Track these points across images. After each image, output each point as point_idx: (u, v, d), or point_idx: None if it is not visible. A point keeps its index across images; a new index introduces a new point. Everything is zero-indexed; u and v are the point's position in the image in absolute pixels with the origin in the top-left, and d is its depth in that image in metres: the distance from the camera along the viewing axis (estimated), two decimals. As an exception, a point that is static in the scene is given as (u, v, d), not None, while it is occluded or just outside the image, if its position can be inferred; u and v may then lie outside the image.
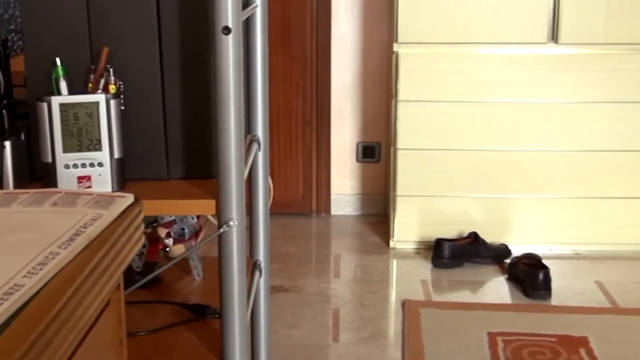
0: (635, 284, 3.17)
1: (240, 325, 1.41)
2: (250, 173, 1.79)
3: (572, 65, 3.34)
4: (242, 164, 1.38)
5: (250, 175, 1.79)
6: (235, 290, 1.39)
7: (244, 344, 1.42)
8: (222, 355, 1.43)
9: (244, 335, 1.42)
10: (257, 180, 1.79)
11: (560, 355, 2.59)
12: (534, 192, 3.47)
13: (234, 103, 1.34)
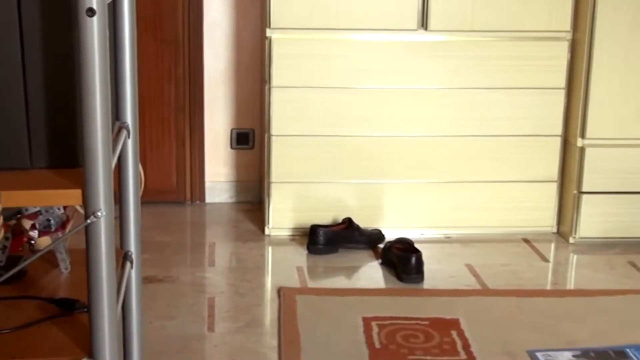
0: (503, 266, 3.26)
1: (109, 319, 1.36)
2: (120, 161, 1.73)
3: (441, 52, 3.40)
4: (109, 152, 1.33)
5: (119, 164, 1.73)
6: (103, 283, 1.34)
7: (114, 338, 1.38)
8: (92, 351, 1.37)
9: (114, 329, 1.37)
10: (126, 168, 1.74)
11: (433, 338, 2.64)
12: (406, 177, 3.52)
13: (100, 89, 1.28)
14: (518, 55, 3.43)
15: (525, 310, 2.86)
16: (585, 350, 2.57)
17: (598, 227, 3.48)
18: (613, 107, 3.37)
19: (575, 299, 2.96)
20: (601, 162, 3.41)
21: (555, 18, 3.39)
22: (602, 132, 3.40)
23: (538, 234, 3.58)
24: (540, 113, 3.48)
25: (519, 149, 3.52)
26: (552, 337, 2.66)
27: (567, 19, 3.39)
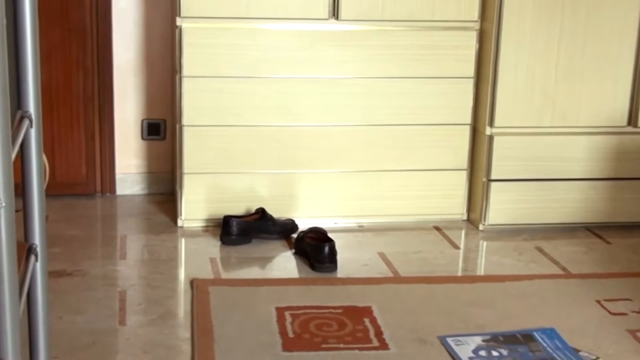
0: (415, 254, 3.30)
1: (11, 314, 1.32)
2: (23, 151, 1.68)
3: (352, 41, 3.41)
4: (8, 141, 1.29)
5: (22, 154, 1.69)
6: (4, 277, 1.31)
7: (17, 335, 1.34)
8: (-7, 347, 1.34)
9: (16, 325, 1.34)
10: (29, 159, 1.69)
11: (346, 326, 2.65)
12: (318, 167, 3.52)
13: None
14: (428, 44, 3.47)
15: (436, 297, 2.90)
16: (495, 334, 2.62)
17: (507, 214, 3.55)
18: (520, 95, 3.44)
19: (485, 285, 3.02)
20: (509, 150, 3.48)
21: (463, 8, 3.43)
22: (510, 120, 3.47)
23: (449, 222, 3.64)
24: (450, 102, 3.53)
25: (430, 137, 3.56)
26: (463, 323, 2.71)
27: (475, 9, 3.44)
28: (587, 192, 3.56)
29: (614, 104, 3.50)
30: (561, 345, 2.55)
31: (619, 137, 3.54)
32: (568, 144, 3.51)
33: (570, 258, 3.29)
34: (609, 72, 3.46)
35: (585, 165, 3.54)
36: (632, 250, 3.40)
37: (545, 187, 3.54)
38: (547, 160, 3.51)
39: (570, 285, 3.02)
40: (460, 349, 2.51)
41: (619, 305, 2.87)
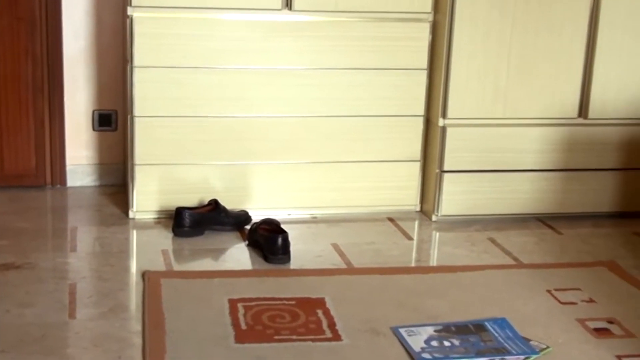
0: (368, 245, 3.30)
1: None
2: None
3: (306, 32, 3.40)
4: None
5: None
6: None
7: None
8: None
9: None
10: (-27, 150, 1.65)
11: (299, 318, 2.64)
12: (272, 158, 3.51)
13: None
14: (381, 36, 3.47)
15: (389, 288, 2.90)
16: (447, 324, 2.63)
17: (459, 205, 3.57)
18: (473, 87, 3.45)
19: (438, 275, 3.03)
20: (462, 141, 3.50)
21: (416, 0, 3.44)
22: (463, 112, 3.48)
23: (402, 213, 3.65)
24: (404, 93, 3.54)
25: (383, 129, 3.57)
26: (415, 313, 2.71)
27: (428, 1, 3.45)
28: (539, 183, 3.59)
29: (565, 95, 3.53)
30: (512, 335, 2.57)
31: (570, 128, 3.57)
32: (520, 136, 3.53)
33: (521, 248, 3.32)
34: (560, 64, 3.49)
35: (537, 157, 3.57)
36: (582, 240, 3.44)
37: (498, 178, 3.56)
38: (499, 151, 3.53)
39: (522, 276, 3.05)
40: (413, 340, 2.52)
41: (569, 294, 2.90)
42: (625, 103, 3.56)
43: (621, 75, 3.53)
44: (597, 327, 2.67)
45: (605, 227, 3.59)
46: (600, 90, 3.53)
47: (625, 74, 3.54)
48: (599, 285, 2.98)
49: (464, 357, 2.43)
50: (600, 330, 2.65)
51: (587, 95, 3.54)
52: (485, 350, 2.47)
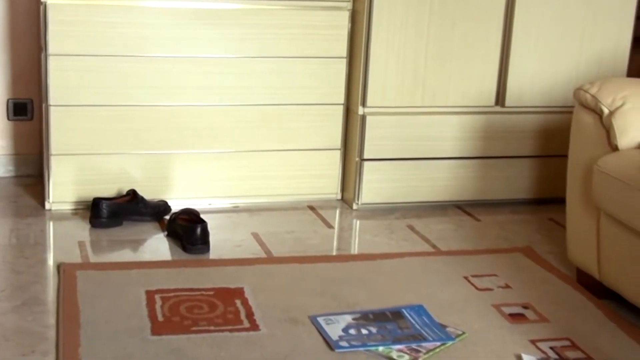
0: (288, 233, 3.30)
1: None
2: None
3: (227, 20, 3.37)
4: None
5: None
6: None
7: None
8: None
9: None
10: None
11: (217, 308, 2.63)
12: (193, 148, 3.48)
13: None
14: (301, 24, 3.46)
15: (308, 277, 2.91)
16: (365, 312, 2.64)
17: (380, 193, 3.59)
18: (392, 75, 3.47)
19: (357, 263, 3.05)
20: (381, 129, 3.52)
21: (336, -12, 3.45)
22: (382, 100, 3.50)
23: (324, 201, 3.66)
24: (324, 82, 3.54)
25: (304, 117, 3.56)
26: (334, 301, 2.72)
27: (347, -11, 3.46)
28: (458, 171, 3.64)
29: (482, 83, 3.58)
30: (429, 322, 2.59)
31: (487, 116, 3.62)
32: (438, 124, 3.57)
33: (440, 235, 3.36)
34: (477, 52, 3.53)
35: (456, 145, 3.61)
36: (500, 226, 3.50)
37: (417, 166, 3.60)
38: (418, 139, 3.56)
39: (439, 263, 3.08)
40: (331, 328, 2.53)
41: (485, 280, 2.95)
42: (541, 91, 3.62)
43: (537, 64, 3.60)
44: (512, 313, 2.71)
45: (523, 213, 3.65)
46: (517, 78, 3.59)
47: (541, 62, 3.60)
48: (514, 271, 3.03)
49: (382, 345, 2.45)
50: (515, 316, 2.70)
51: (504, 83, 3.60)
52: (403, 337, 2.50)
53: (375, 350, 2.42)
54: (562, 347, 2.51)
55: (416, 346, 2.46)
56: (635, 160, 2.58)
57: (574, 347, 2.51)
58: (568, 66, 3.63)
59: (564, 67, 3.62)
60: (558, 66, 3.62)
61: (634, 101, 2.70)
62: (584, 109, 2.83)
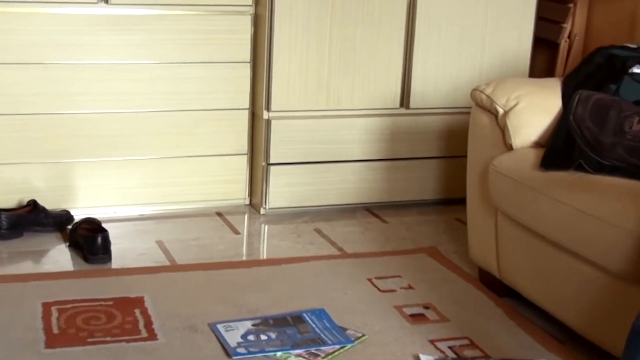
0: (194, 240, 3.27)
1: None
2: None
3: (128, 26, 3.32)
4: None
5: None
6: None
7: None
8: None
9: None
10: None
11: (115, 318, 2.59)
12: (98, 156, 3.42)
13: None
14: (205, 29, 3.43)
15: (211, 284, 2.88)
16: (265, 318, 2.63)
17: (287, 198, 3.58)
18: (295, 79, 3.46)
19: (262, 269, 3.03)
20: (287, 133, 3.50)
21: (238, -8, 3.43)
22: (287, 104, 3.49)
23: (232, 207, 3.63)
24: (229, 87, 3.51)
25: (210, 122, 3.53)
26: (235, 308, 2.70)
27: (249, -7, 3.44)
28: (365, 173, 3.65)
29: (387, 86, 3.59)
30: (329, 325, 2.59)
31: (392, 118, 3.64)
32: (344, 127, 3.57)
33: (346, 238, 3.36)
34: (380, 56, 3.55)
35: (362, 147, 3.62)
36: (406, 228, 3.52)
37: (325, 170, 3.59)
38: (325, 142, 3.56)
39: (344, 265, 3.08)
40: (230, 335, 2.51)
41: (389, 282, 2.96)
42: (445, 93, 3.65)
43: (440, 66, 3.63)
44: (413, 313, 2.73)
45: (430, 214, 3.68)
46: (420, 80, 3.62)
47: (444, 64, 3.63)
48: (418, 272, 3.05)
49: (280, 350, 2.44)
50: (415, 316, 2.71)
51: (408, 85, 3.62)
52: (302, 342, 2.49)
53: (273, 356, 2.41)
54: (460, 346, 2.53)
55: (315, 350, 2.45)
56: (528, 159, 2.62)
57: (472, 346, 2.54)
58: (471, 67, 3.67)
59: (466, 69, 3.66)
60: (461, 68, 3.66)
61: (527, 101, 2.74)
62: (480, 109, 2.87)
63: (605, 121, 1.91)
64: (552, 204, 2.44)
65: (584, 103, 1.95)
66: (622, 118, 1.91)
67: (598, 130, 1.92)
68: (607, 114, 1.92)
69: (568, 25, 3.88)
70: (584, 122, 1.94)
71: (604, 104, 1.94)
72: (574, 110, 1.96)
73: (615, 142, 1.91)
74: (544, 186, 2.48)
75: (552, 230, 2.46)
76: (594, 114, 1.93)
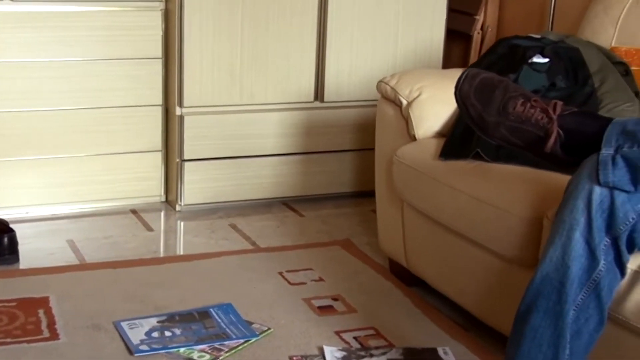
0: (106, 239, 3.24)
1: None
2: None
3: (36, 23, 3.26)
4: None
5: None
6: None
7: None
8: None
9: None
10: None
11: (18, 319, 2.55)
12: (8, 155, 3.36)
13: None
14: (116, 25, 3.39)
15: (120, 281, 2.85)
16: (171, 314, 2.61)
17: (203, 194, 3.56)
18: (207, 75, 3.44)
19: (172, 265, 3.01)
20: (201, 129, 3.48)
21: (147, -12, 3.40)
22: (199, 100, 3.47)
23: (148, 204, 3.60)
24: (141, 83, 3.48)
25: (124, 120, 3.50)
26: (142, 305, 2.68)
27: (159, -11, 3.42)
28: (281, 168, 3.65)
29: (301, 80, 3.59)
30: (235, 320, 2.58)
31: (307, 112, 3.64)
32: (259, 121, 3.57)
33: (261, 233, 3.36)
34: (293, 49, 3.55)
35: (278, 141, 3.62)
36: (322, 221, 3.52)
37: (240, 165, 3.59)
38: (239, 137, 3.55)
39: (256, 260, 3.08)
40: (133, 333, 2.48)
41: (300, 275, 2.96)
42: (358, 86, 3.67)
43: (353, 59, 3.64)
44: (321, 305, 2.74)
45: (346, 206, 3.69)
46: (334, 74, 3.63)
47: (357, 57, 3.64)
48: (330, 264, 3.06)
49: (184, 346, 2.43)
50: (323, 308, 2.72)
51: (322, 79, 3.62)
52: (206, 337, 2.48)
53: (176, 352, 2.40)
54: (365, 337, 2.54)
55: (219, 345, 2.44)
56: (430, 149, 2.64)
57: (377, 336, 2.55)
58: (384, 60, 3.69)
59: (379, 61, 3.68)
60: (374, 60, 3.67)
61: (429, 92, 2.76)
62: (386, 101, 2.88)
63: (490, 100, 1.94)
64: (451, 192, 2.46)
65: (470, 80, 1.97)
66: (507, 98, 1.93)
67: (482, 108, 1.95)
68: (492, 93, 1.94)
69: (481, 17, 3.93)
70: (469, 99, 1.96)
71: (490, 82, 1.96)
72: (460, 87, 1.98)
73: (499, 122, 1.93)
74: (444, 175, 2.51)
75: (451, 219, 2.49)
76: (478, 92, 1.95)
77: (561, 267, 1.79)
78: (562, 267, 1.79)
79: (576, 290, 1.79)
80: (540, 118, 1.91)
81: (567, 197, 1.82)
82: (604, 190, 1.76)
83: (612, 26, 2.95)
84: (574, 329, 1.81)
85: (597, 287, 1.79)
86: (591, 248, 1.78)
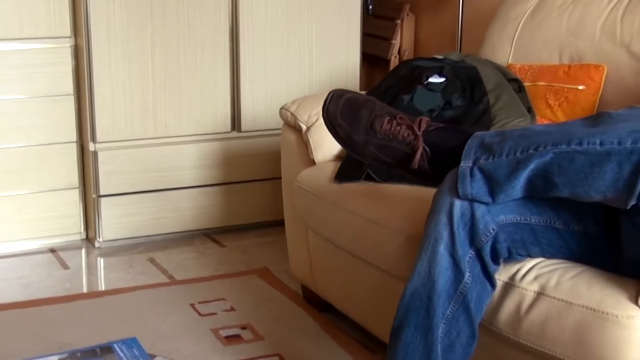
0: (19, 279, 3.18)
1: None
2: None
3: None
4: None
5: None
6: None
7: None
8: None
9: None
10: None
11: None
12: None
13: None
14: (27, 63, 3.37)
15: (25, 321, 2.81)
16: (73, 351, 2.57)
17: (122, 229, 3.53)
18: (119, 109, 3.43)
19: (82, 302, 2.97)
20: (116, 164, 3.46)
21: (55, 24, 3.37)
22: (113, 134, 3.45)
23: (67, 243, 3.56)
24: (55, 121, 3.46)
25: (38, 158, 3.47)
26: (46, 343, 2.64)
27: (67, 24, 3.39)
28: (200, 199, 3.63)
29: (216, 110, 3.59)
30: (138, 353, 2.55)
31: (225, 142, 3.63)
32: (175, 154, 3.55)
33: (179, 266, 3.33)
34: (207, 80, 3.54)
35: (196, 173, 3.60)
36: (243, 250, 3.50)
37: (159, 198, 3.56)
38: (157, 170, 3.53)
39: (170, 293, 3.05)
40: (31, 372, 2.45)
41: (212, 306, 2.93)
42: (275, 114, 3.64)
43: (268, 87, 3.64)
44: (229, 335, 2.71)
45: (268, 235, 3.67)
46: (249, 103, 3.63)
47: (272, 85, 3.65)
48: (243, 294, 3.04)
49: (81, 383, 2.39)
50: (230, 337, 2.69)
51: (238, 108, 3.62)
52: (105, 373, 2.45)
53: (72, 389, 2.36)
54: (269, 364, 2.52)
55: (117, 380, 2.41)
56: (327, 172, 2.64)
57: (282, 363, 2.53)
58: (300, 86, 3.69)
59: (295, 88, 3.68)
60: (290, 87, 3.68)
61: (328, 115, 2.76)
62: (288, 127, 2.88)
63: (357, 119, 1.94)
64: (347, 215, 2.45)
65: (336, 101, 1.98)
66: (373, 117, 1.93)
67: (350, 128, 1.95)
68: (359, 112, 1.94)
69: (397, 41, 3.95)
70: (336, 120, 1.96)
71: (356, 102, 1.97)
72: (327, 108, 1.98)
73: (367, 140, 1.93)
74: (339, 199, 2.50)
75: (348, 241, 2.47)
76: (345, 112, 1.96)
77: (428, 281, 1.79)
78: (429, 281, 1.78)
79: (444, 304, 1.78)
80: (406, 135, 1.91)
81: (431, 211, 1.82)
82: (464, 203, 1.76)
83: (508, 44, 2.98)
84: (446, 343, 1.80)
85: (465, 299, 1.79)
86: (455, 261, 1.77)
